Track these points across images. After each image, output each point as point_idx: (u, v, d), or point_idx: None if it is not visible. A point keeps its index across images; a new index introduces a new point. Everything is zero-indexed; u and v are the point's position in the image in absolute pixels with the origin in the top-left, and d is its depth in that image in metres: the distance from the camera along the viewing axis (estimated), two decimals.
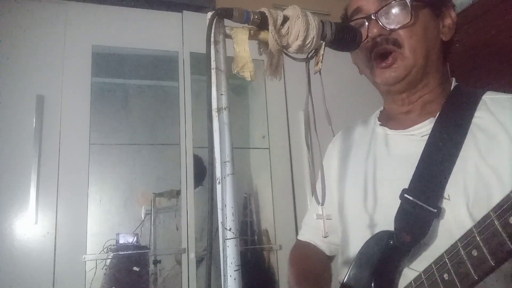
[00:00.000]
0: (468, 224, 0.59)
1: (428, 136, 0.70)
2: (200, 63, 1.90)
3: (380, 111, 0.87)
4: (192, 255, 1.70)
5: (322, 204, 0.65)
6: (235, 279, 0.48)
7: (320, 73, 0.64)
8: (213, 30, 0.53)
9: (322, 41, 0.61)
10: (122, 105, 2.08)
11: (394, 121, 0.79)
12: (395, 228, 0.65)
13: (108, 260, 1.70)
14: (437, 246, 0.63)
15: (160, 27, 1.92)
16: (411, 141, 0.73)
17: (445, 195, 0.64)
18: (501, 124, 0.65)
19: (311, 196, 1.94)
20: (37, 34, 1.72)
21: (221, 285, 0.48)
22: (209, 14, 0.53)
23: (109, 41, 1.84)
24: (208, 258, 0.50)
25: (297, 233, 1.86)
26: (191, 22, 1.94)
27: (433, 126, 0.71)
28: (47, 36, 1.73)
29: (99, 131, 1.82)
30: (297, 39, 0.58)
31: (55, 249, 1.56)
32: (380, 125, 0.81)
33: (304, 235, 0.94)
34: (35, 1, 1.75)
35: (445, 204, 0.63)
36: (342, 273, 0.78)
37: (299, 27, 0.57)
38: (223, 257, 0.48)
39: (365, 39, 0.72)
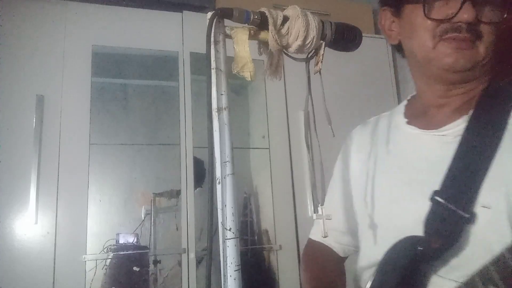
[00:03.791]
0: (508, 234, 0.57)
1: (461, 136, 0.66)
2: (200, 63, 1.90)
3: (405, 106, 0.81)
4: (192, 255, 1.70)
5: (322, 204, 0.64)
6: (235, 279, 0.48)
7: (320, 73, 0.63)
8: (213, 30, 0.53)
9: (322, 41, 0.61)
10: (122, 105, 2.08)
11: (423, 118, 0.74)
12: (424, 233, 0.61)
13: (108, 260, 1.70)
14: (470, 254, 0.59)
15: (160, 27, 1.92)
16: (444, 143, 0.68)
17: (485, 203, 0.59)
18: None
19: (311, 196, 1.95)
20: (37, 34, 1.72)
21: (221, 285, 0.48)
22: (209, 14, 0.53)
23: (109, 41, 1.84)
24: (208, 258, 0.50)
25: (297, 233, 1.88)
26: (191, 22, 1.94)
27: (467, 125, 0.66)
28: (47, 36, 1.73)
29: (99, 131, 1.82)
30: (297, 39, 0.58)
31: (55, 249, 1.56)
32: (407, 123, 0.75)
33: (317, 235, 0.90)
34: (35, 1, 1.75)
35: (484, 212, 0.59)
36: (362, 277, 0.76)
37: (299, 27, 0.57)
38: (223, 257, 0.48)
39: (449, 18, 0.64)
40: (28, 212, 1.55)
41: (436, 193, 0.62)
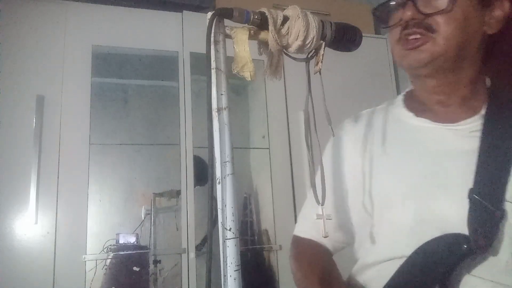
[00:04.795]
0: None
1: (478, 132, 0.67)
2: (200, 63, 1.91)
3: (403, 100, 0.81)
4: (192, 255, 1.70)
5: (322, 204, 0.64)
6: (235, 279, 0.48)
7: (320, 73, 0.63)
8: (213, 30, 0.53)
9: (322, 41, 0.61)
10: (122, 105, 2.08)
11: (430, 113, 0.74)
12: (470, 231, 0.60)
13: (108, 260, 1.70)
14: (497, 250, 0.60)
15: (160, 27, 1.92)
16: (460, 136, 0.69)
17: (508, 198, 0.61)
18: None
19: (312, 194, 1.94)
20: (37, 34, 1.72)
21: (221, 285, 0.48)
22: (209, 14, 0.53)
23: (109, 41, 1.84)
24: (208, 258, 0.49)
25: None
26: (191, 22, 1.94)
27: (484, 123, 0.67)
28: (47, 36, 1.73)
29: (99, 131, 1.82)
30: (297, 39, 0.58)
31: (55, 249, 1.56)
32: (416, 116, 0.75)
33: (307, 232, 0.86)
34: (35, 1, 1.75)
35: (508, 207, 0.60)
36: (366, 273, 0.74)
37: (299, 27, 0.57)
38: (223, 257, 0.48)
39: (398, 22, 0.70)
40: (28, 212, 1.55)
41: (472, 190, 0.62)
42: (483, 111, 0.70)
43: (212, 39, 0.54)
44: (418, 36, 0.68)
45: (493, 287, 0.60)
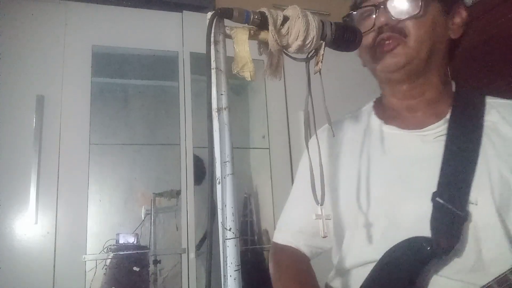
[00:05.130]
0: (498, 228, 0.61)
1: (443, 137, 0.69)
2: (200, 63, 1.90)
3: (373, 107, 0.84)
4: (192, 255, 1.70)
5: (322, 204, 0.64)
6: (235, 279, 0.48)
7: (320, 73, 0.63)
8: (213, 30, 0.53)
9: (322, 41, 0.61)
10: (122, 105, 2.08)
11: (399, 120, 0.76)
12: (432, 234, 0.63)
13: (108, 260, 1.71)
14: (463, 250, 0.62)
15: (160, 27, 1.92)
16: (425, 142, 0.71)
17: (472, 200, 0.63)
18: None
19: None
20: (37, 34, 1.72)
21: (221, 285, 0.48)
22: (209, 14, 0.53)
23: (109, 41, 1.84)
24: (208, 258, 0.49)
25: None
26: (191, 22, 1.94)
27: (448, 127, 0.70)
28: (47, 36, 1.73)
29: (99, 131, 1.82)
30: (297, 39, 0.58)
31: (55, 249, 1.56)
32: (385, 123, 0.77)
33: (285, 239, 0.87)
34: (35, 1, 1.75)
35: (472, 208, 0.62)
36: (346, 276, 0.74)
37: (299, 27, 0.57)
38: (223, 257, 0.48)
39: (372, 28, 0.72)
40: (28, 212, 1.55)
41: (436, 194, 0.64)
42: (448, 116, 0.72)
43: (212, 39, 0.53)
44: (392, 40, 0.71)
45: (461, 286, 0.61)
